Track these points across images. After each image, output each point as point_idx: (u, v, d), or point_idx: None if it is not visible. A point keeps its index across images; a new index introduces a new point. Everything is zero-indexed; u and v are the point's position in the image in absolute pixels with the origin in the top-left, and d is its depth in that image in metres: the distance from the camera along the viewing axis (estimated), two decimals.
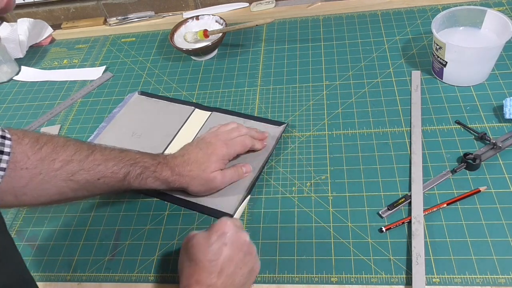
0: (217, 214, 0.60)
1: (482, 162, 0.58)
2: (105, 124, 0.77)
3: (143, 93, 0.82)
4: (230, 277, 0.46)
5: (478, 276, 0.49)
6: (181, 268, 0.49)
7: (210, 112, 0.75)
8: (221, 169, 0.60)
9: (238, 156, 0.65)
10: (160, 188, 0.60)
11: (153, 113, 0.78)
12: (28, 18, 1.01)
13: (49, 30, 1.06)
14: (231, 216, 0.59)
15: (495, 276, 0.49)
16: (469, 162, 0.58)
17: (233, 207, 0.60)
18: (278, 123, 0.70)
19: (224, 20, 0.87)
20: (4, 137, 0.47)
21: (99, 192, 0.57)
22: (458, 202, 0.55)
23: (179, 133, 0.72)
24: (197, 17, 0.90)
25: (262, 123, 0.70)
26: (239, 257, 0.48)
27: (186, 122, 0.74)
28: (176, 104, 0.78)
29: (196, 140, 0.63)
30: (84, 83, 0.89)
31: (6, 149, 0.47)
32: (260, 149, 0.66)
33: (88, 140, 0.75)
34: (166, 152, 0.69)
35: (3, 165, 0.46)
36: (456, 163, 0.60)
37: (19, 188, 0.49)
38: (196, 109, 0.76)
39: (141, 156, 0.57)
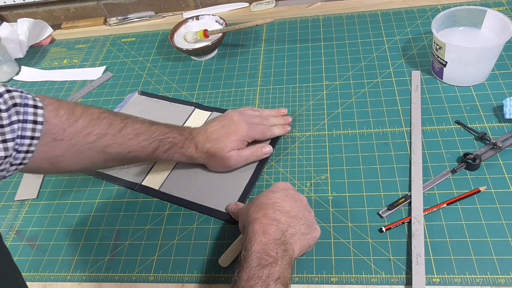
0: (217, 214, 0.60)
1: (482, 162, 0.58)
2: None
3: (143, 93, 0.82)
4: (293, 219, 0.49)
5: (478, 276, 0.49)
6: (246, 213, 0.51)
7: (210, 112, 0.75)
8: (238, 149, 0.62)
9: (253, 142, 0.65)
10: (186, 161, 0.63)
11: (153, 113, 0.78)
12: (28, 18, 1.01)
13: (49, 30, 1.06)
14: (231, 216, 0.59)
15: (495, 276, 0.49)
16: (469, 162, 0.58)
17: None
18: None
19: (224, 20, 0.87)
20: (36, 106, 0.48)
21: (128, 163, 0.60)
22: (458, 202, 0.55)
23: None
24: (197, 17, 0.90)
25: None
26: (299, 209, 0.51)
27: (186, 122, 0.74)
28: (176, 104, 0.78)
29: (221, 116, 0.64)
30: (84, 83, 0.89)
31: (39, 119, 0.48)
32: (281, 135, 0.67)
33: None
34: None
35: (37, 134, 0.48)
36: (456, 163, 0.60)
37: (55, 157, 0.51)
38: (196, 109, 0.76)
39: (170, 130, 0.60)
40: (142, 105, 0.80)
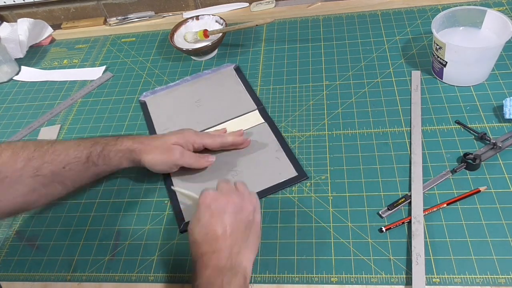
0: None
1: (482, 162, 0.58)
2: (188, 80, 0.82)
3: (237, 69, 0.82)
4: (230, 238, 0.47)
5: (478, 276, 0.49)
6: (190, 245, 0.51)
7: (264, 121, 0.71)
8: (183, 148, 0.61)
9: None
10: (126, 163, 0.60)
11: (227, 91, 0.78)
12: (28, 18, 1.01)
13: (49, 30, 1.06)
14: None
15: (495, 276, 0.49)
16: (469, 162, 0.58)
17: None
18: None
19: (224, 20, 0.87)
20: None
21: (71, 182, 0.57)
22: (458, 202, 0.55)
23: (230, 121, 0.72)
24: (197, 17, 0.90)
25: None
26: (230, 219, 0.48)
27: (242, 116, 0.73)
28: (249, 95, 0.76)
29: None
30: (84, 83, 0.89)
31: None
32: (235, 142, 0.66)
33: (144, 93, 0.81)
34: None
35: None
36: (456, 163, 0.60)
37: None
38: (257, 111, 0.73)
39: (103, 137, 0.60)
40: (226, 79, 0.81)
